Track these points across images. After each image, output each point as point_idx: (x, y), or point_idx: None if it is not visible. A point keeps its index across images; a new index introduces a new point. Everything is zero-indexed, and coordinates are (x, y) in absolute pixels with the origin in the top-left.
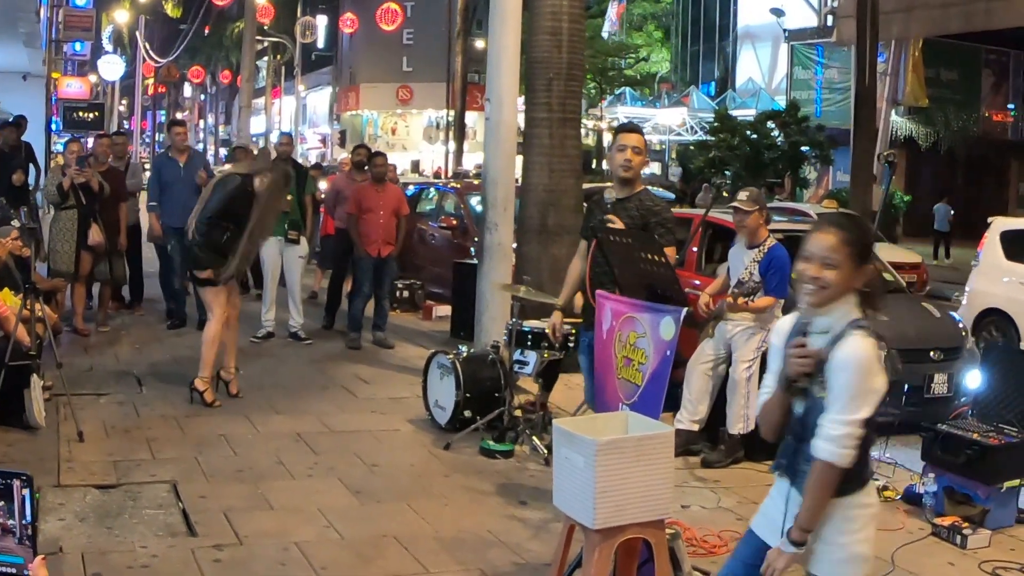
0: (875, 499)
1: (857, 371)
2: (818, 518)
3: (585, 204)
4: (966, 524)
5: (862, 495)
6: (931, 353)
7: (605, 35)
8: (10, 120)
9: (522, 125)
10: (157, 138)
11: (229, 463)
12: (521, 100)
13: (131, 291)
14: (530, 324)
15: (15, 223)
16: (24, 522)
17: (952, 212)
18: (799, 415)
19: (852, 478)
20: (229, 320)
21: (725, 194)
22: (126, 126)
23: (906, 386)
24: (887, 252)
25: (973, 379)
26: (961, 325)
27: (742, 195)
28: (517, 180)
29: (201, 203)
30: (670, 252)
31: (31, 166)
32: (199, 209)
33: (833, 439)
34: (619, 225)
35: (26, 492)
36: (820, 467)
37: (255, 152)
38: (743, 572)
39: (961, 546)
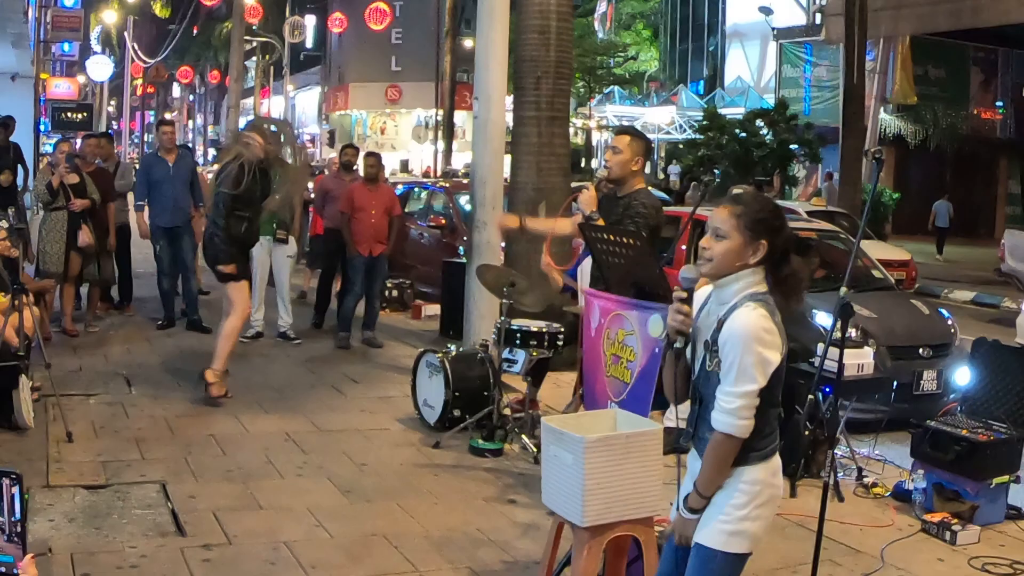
0: (776, 479)
1: (744, 342)
2: (715, 485)
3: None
4: (955, 520)
5: (758, 470)
6: (920, 350)
7: (598, 34)
8: None
9: (510, 124)
10: (146, 138)
11: (218, 463)
12: (509, 99)
13: (120, 291)
14: (519, 323)
15: (3, 224)
16: (13, 520)
17: (952, 209)
18: (695, 383)
19: (748, 448)
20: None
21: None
22: (115, 127)
23: (895, 383)
24: (876, 249)
25: (962, 376)
26: (950, 322)
27: (736, 190)
28: (506, 179)
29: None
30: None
31: (19, 167)
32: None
33: (727, 411)
34: (590, 194)
35: (15, 490)
36: (718, 437)
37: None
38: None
39: (951, 542)
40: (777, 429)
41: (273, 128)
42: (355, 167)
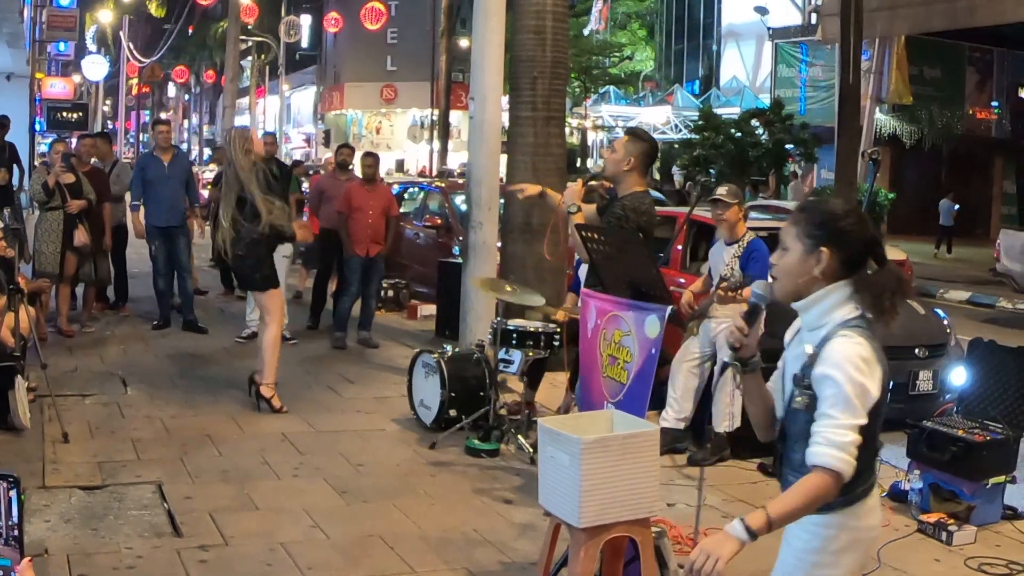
0: (861, 522)
1: (844, 373)
2: (788, 516)
3: None
4: (952, 521)
5: (847, 514)
6: (916, 350)
7: (586, 32)
8: None
9: (506, 124)
10: (142, 138)
11: (214, 463)
12: (505, 99)
13: (116, 291)
14: (515, 323)
15: None
16: (10, 523)
17: (956, 208)
18: (780, 419)
19: (842, 491)
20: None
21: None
22: (111, 126)
23: (891, 383)
24: None
25: (958, 376)
26: (946, 322)
27: (722, 189)
28: (502, 179)
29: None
30: None
31: (15, 167)
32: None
33: (837, 444)
34: (576, 187)
35: (12, 494)
36: (818, 473)
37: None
38: None
39: (947, 543)
40: (872, 468)
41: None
42: (351, 167)
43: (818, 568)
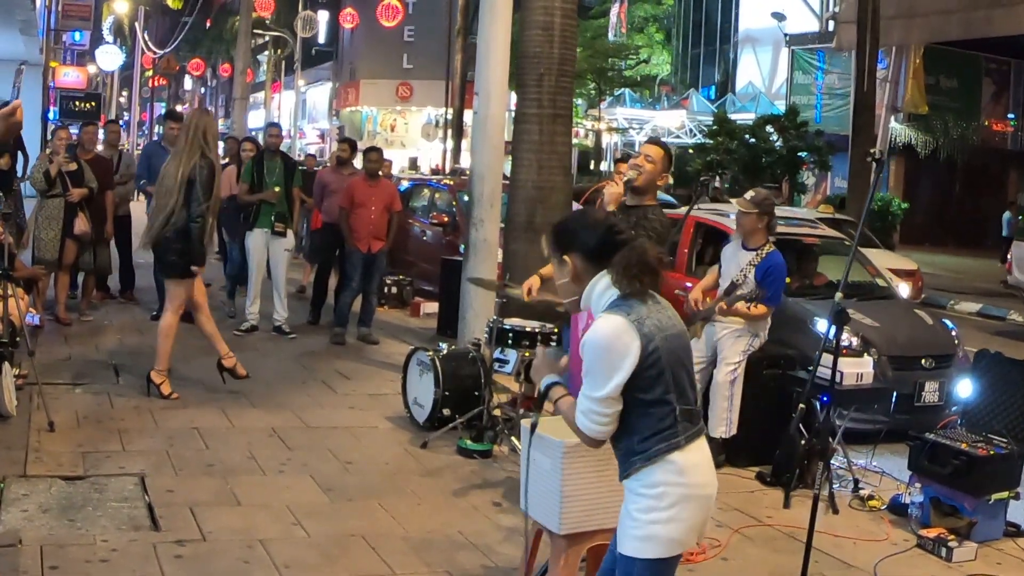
0: (686, 478)
1: (593, 349)
2: (561, 410)
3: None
4: (952, 536)
5: (654, 472)
6: (922, 361)
7: (612, 38)
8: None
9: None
10: (156, 130)
11: (200, 456)
12: (514, 96)
13: (121, 280)
14: (511, 322)
15: None
16: None
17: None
18: None
19: (630, 452)
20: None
21: (717, 193)
22: (127, 117)
23: (895, 393)
24: (884, 259)
25: (964, 388)
26: (953, 333)
27: (747, 195)
28: (506, 176)
29: None
30: None
31: (19, 154)
32: None
33: (583, 412)
34: (618, 190)
35: None
36: (574, 419)
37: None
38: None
39: (946, 559)
40: (673, 428)
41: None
42: (349, 162)
43: (657, 524)
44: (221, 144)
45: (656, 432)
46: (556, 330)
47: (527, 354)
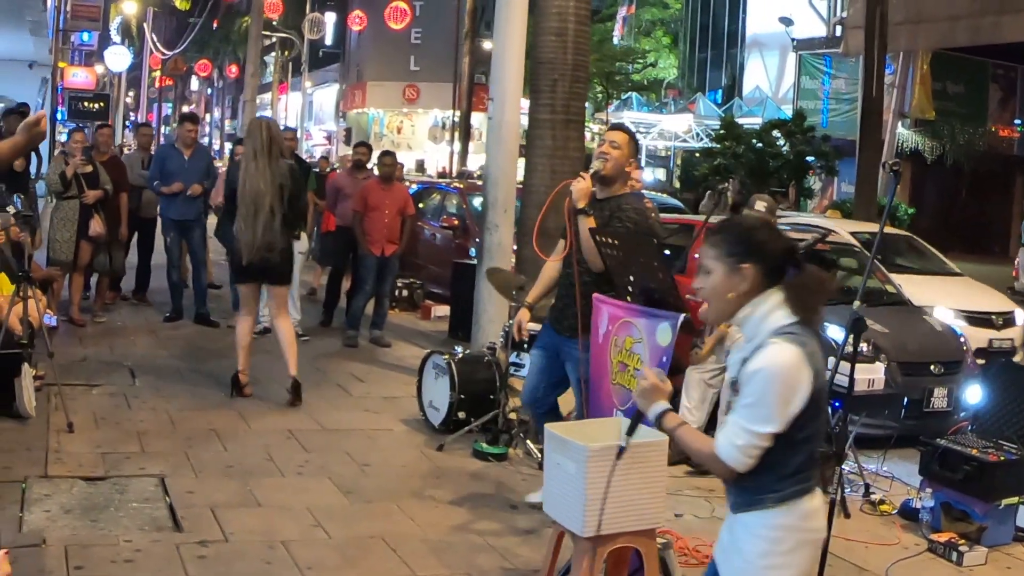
0: (808, 523)
1: (769, 381)
2: (684, 441)
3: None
4: (963, 541)
5: (779, 514)
6: (931, 367)
7: (616, 42)
8: (13, 107)
9: (525, 126)
10: (163, 131)
11: (219, 458)
12: (526, 102)
13: (137, 281)
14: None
15: (10, 209)
16: None
17: None
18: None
19: (764, 488)
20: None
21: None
22: (132, 117)
23: (905, 399)
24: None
25: (974, 394)
26: (962, 339)
27: (760, 205)
28: (519, 181)
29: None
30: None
31: (32, 154)
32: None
33: (734, 444)
34: (587, 184)
35: None
36: (713, 454)
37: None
38: None
39: (957, 563)
40: (809, 471)
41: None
42: (367, 166)
43: (772, 570)
44: (228, 146)
45: (795, 472)
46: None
47: None
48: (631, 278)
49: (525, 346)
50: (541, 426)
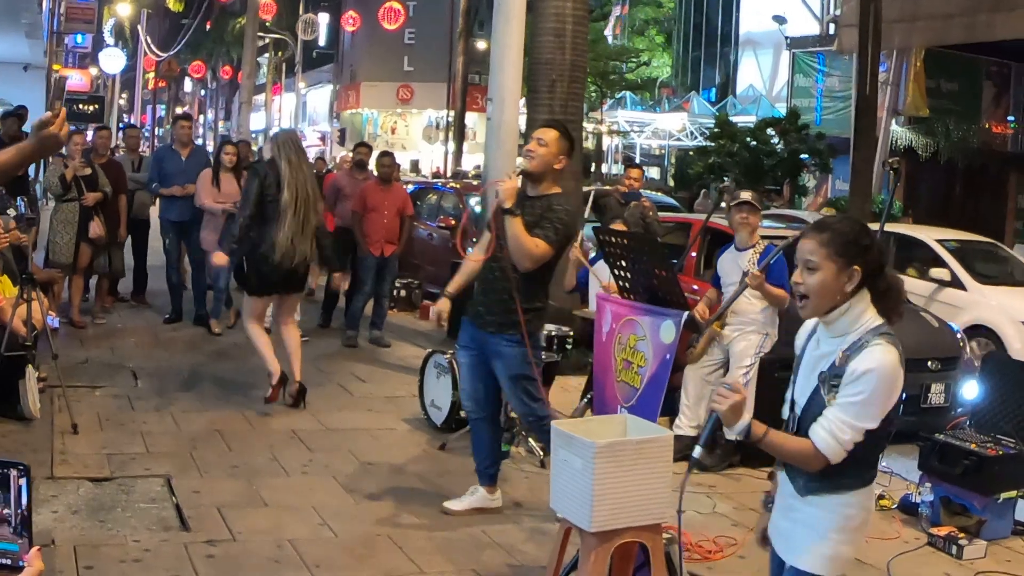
0: (870, 503)
1: (880, 381)
2: (776, 450)
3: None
4: (962, 535)
5: (863, 495)
6: (928, 363)
7: (610, 40)
8: (11, 110)
9: (523, 126)
10: (157, 132)
11: (224, 459)
12: (523, 101)
13: (135, 283)
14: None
15: (11, 212)
16: (20, 512)
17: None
18: (797, 414)
19: (851, 475)
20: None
21: (724, 203)
22: (126, 119)
23: (903, 395)
24: None
25: (970, 390)
26: (959, 335)
27: (746, 194)
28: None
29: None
30: (540, 246)
31: None
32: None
33: (838, 440)
34: (513, 184)
35: (23, 482)
36: (811, 448)
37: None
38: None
39: (957, 556)
40: (878, 460)
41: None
42: (367, 166)
43: (840, 544)
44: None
45: (875, 463)
46: (571, 333)
47: (543, 357)
48: (631, 275)
49: None
50: (483, 434)
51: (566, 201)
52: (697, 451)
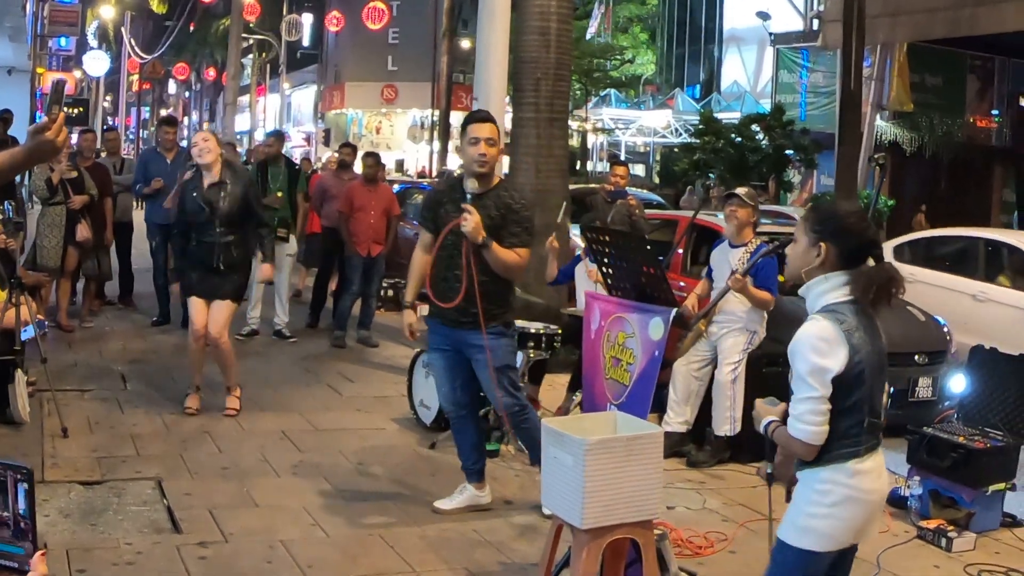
0: (856, 481)
1: (800, 353)
2: (780, 440)
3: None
4: (951, 527)
5: (829, 471)
6: (915, 357)
7: (589, 36)
8: None
9: (509, 125)
10: (141, 135)
11: (214, 460)
12: (508, 100)
13: (120, 286)
14: (516, 323)
15: None
16: (18, 514)
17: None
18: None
19: (826, 450)
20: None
21: (713, 197)
22: (111, 122)
23: (891, 389)
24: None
25: (958, 383)
26: (945, 329)
27: (741, 190)
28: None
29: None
30: (523, 253)
31: None
32: None
33: (795, 415)
34: (477, 218)
35: (24, 486)
36: (794, 439)
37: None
38: None
39: (946, 549)
40: (857, 436)
41: None
42: (353, 166)
43: (815, 519)
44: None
45: (842, 437)
46: (559, 331)
47: (532, 355)
48: (620, 274)
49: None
50: (467, 432)
51: (512, 187)
52: (768, 467)
